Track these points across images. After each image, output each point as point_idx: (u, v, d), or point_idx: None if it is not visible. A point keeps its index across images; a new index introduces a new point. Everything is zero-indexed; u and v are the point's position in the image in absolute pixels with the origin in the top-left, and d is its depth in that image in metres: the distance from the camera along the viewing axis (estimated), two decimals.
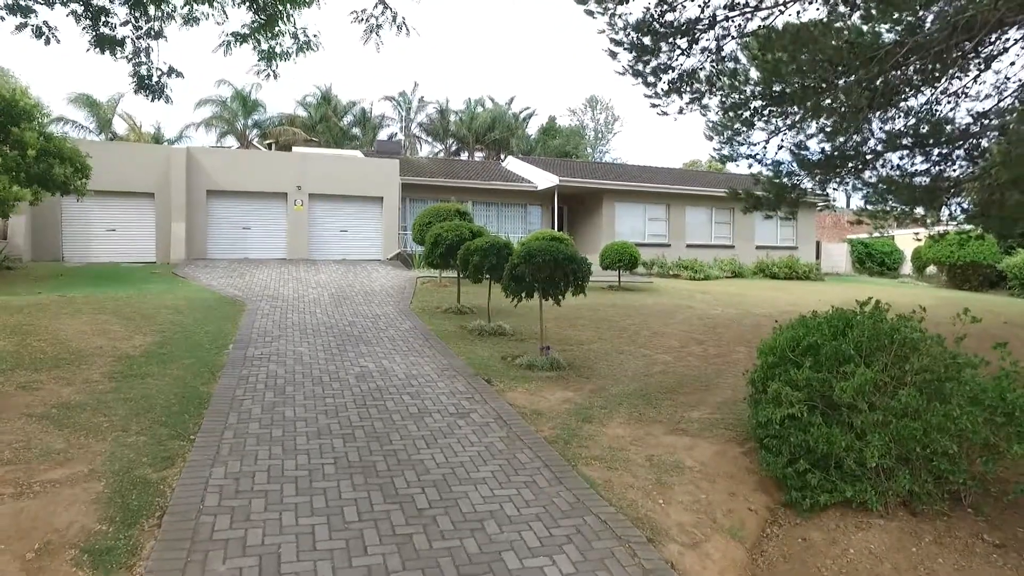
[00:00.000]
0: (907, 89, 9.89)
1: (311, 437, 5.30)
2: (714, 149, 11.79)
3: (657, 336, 10.99)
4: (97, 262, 16.97)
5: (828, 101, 9.72)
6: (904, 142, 10.03)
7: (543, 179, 23.10)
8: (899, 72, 9.40)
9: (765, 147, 11.11)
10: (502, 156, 43.81)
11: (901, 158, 9.95)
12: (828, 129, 9.78)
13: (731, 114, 11.04)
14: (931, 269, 27.41)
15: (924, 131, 9.65)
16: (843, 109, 9.66)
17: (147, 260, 17.74)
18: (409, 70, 75.81)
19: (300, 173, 19.33)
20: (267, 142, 40.87)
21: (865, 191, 11.60)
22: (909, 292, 21.57)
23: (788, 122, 10.57)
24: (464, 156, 49.65)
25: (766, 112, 10.77)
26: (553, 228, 23.43)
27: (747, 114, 10.79)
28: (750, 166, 11.65)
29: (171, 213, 17.71)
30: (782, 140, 10.95)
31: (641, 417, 6.49)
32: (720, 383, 8.07)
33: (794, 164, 10.21)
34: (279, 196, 19.26)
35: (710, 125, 11.58)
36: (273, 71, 9.64)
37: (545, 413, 6.44)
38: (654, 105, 9.80)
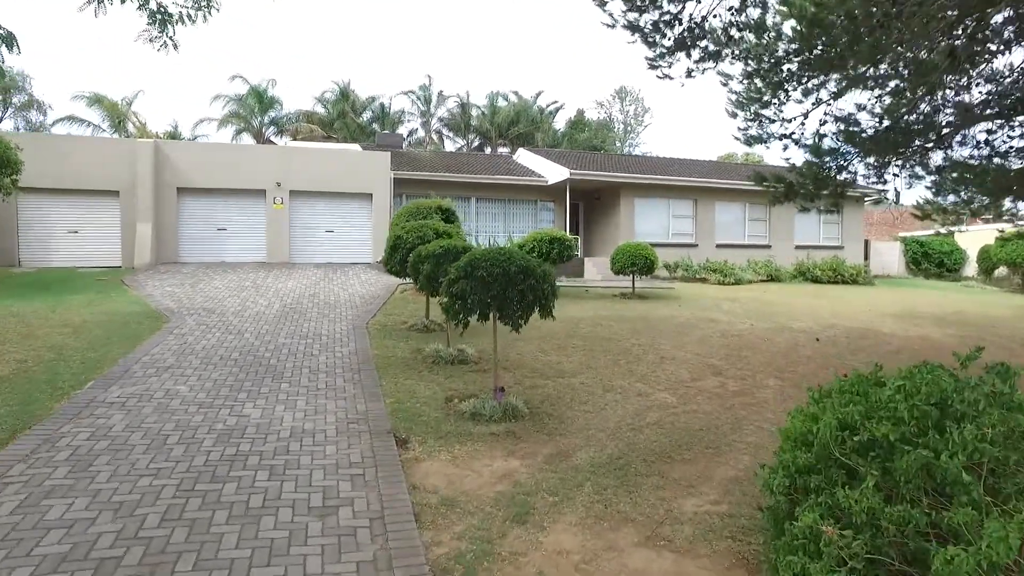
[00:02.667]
0: (996, 42, 7.43)
1: (41, 567, 3.30)
2: (739, 129, 9.47)
3: (664, 363, 8.74)
4: (56, 267, 15.51)
5: (889, 59, 7.33)
6: (991, 111, 7.56)
7: (554, 173, 20.89)
8: (986, 19, 6.95)
9: (803, 123, 8.75)
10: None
11: (989, 132, 7.46)
12: (887, 98, 7.40)
13: (758, 82, 8.72)
14: (1000, 271, 24.16)
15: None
16: (908, 70, 7.25)
17: (112, 265, 16.22)
18: (431, 64, 74.37)
19: (280, 168, 17.56)
20: (285, 139, 39.83)
21: (933, 178, 9.10)
22: (981, 299, 18.66)
23: (834, 89, 8.19)
24: (488, 152, 47.77)
25: (804, 78, 8.42)
26: (565, 227, 21.22)
27: (778, 80, 8.45)
28: (785, 147, 9.27)
29: (137, 213, 16.14)
30: (825, 113, 8.58)
31: (607, 510, 4.32)
32: (736, 442, 5.82)
33: (840, 141, 7.83)
34: (258, 193, 17.54)
35: (733, 99, 9.26)
36: (170, 39, 7.77)
37: (462, 504, 4.32)
38: (653, 66, 7.55)
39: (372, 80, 70.79)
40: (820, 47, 7.53)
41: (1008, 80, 7.63)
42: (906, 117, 7.32)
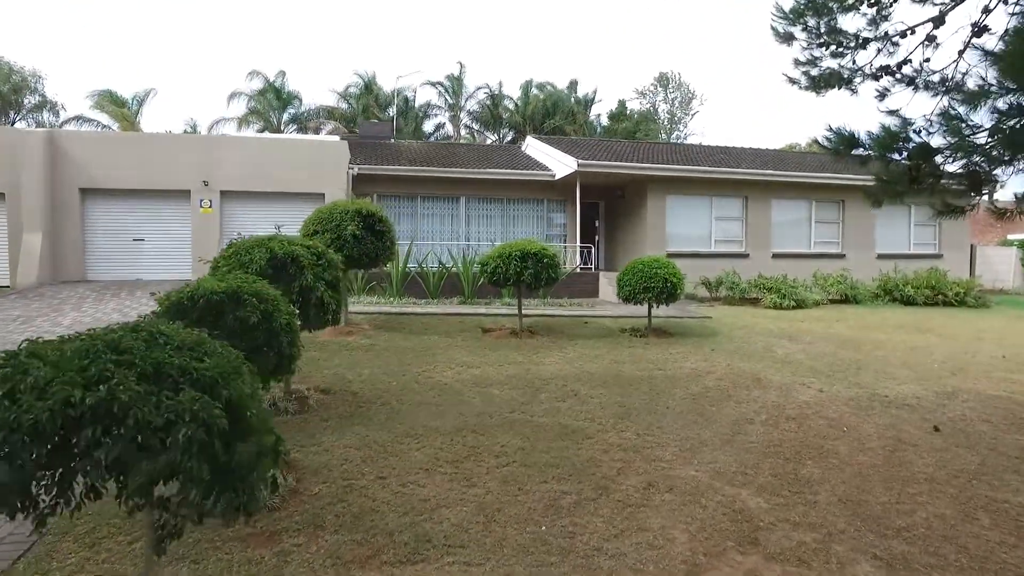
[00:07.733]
0: None
1: None
2: (796, 62, 5.21)
3: (650, 501, 4.53)
4: None
5: None
6: None
7: (562, 164, 16.73)
8: None
9: (933, 37, 4.40)
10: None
11: None
12: None
13: None
14: None
15: None
16: None
17: None
18: (461, 53, 71.10)
19: (207, 164, 14.13)
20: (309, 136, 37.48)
21: None
22: None
23: None
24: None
25: None
26: (576, 233, 17.02)
27: None
28: (882, 95, 4.92)
29: (24, 220, 13.00)
30: (985, 10, 4.20)
31: None
32: None
33: None
34: (181, 195, 14.16)
35: (786, 7, 5.03)
36: None
37: None
38: None
39: (398, 72, 67.61)
40: None
41: None
42: None
